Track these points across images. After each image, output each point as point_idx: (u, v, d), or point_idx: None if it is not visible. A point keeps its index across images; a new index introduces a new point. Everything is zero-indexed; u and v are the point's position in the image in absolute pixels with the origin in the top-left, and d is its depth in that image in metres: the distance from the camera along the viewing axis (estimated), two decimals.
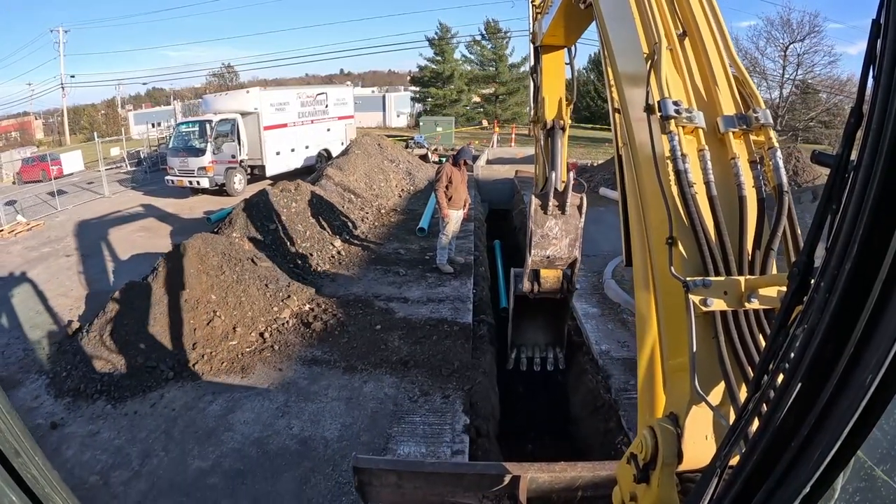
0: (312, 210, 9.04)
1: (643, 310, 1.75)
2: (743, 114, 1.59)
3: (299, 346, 5.44)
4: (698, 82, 1.69)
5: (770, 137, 1.55)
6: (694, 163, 1.51)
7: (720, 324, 1.33)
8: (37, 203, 14.68)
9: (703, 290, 1.32)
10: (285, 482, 3.64)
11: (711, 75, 1.68)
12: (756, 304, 1.32)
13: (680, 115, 1.53)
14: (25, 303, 7.43)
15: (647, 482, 1.34)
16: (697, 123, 1.55)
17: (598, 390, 4.69)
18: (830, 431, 0.68)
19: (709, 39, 1.74)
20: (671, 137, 1.52)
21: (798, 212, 5.83)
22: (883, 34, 0.64)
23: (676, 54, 1.71)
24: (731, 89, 1.67)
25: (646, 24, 1.76)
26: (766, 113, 1.56)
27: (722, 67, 1.71)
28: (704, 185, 1.49)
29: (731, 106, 1.63)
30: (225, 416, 4.37)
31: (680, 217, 1.45)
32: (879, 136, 0.63)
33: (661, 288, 1.52)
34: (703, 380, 1.27)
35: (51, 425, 4.44)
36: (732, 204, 1.48)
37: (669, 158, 1.51)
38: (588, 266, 7.56)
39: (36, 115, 46.89)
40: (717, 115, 1.60)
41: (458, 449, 3.86)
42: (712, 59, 1.71)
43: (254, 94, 15.75)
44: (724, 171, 1.52)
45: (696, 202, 1.44)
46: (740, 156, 1.53)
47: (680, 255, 1.43)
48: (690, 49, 1.75)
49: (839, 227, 0.69)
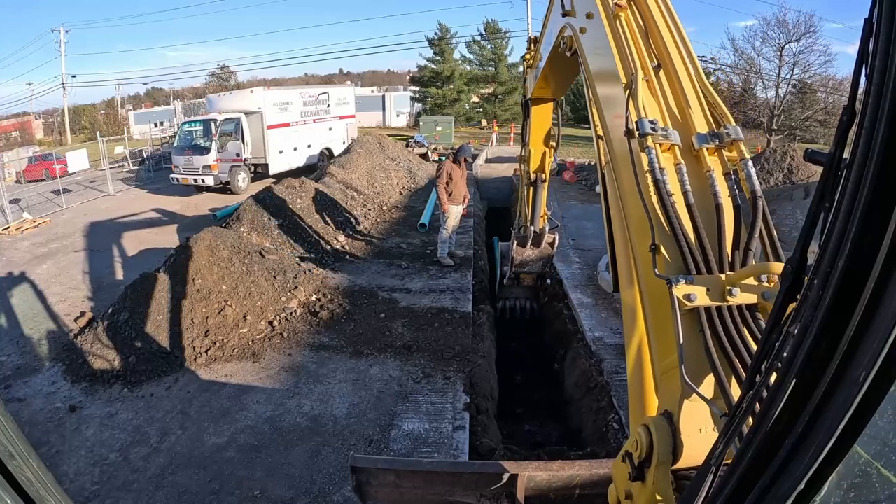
0: (317, 206, 9.27)
1: (629, 302, 1.87)
2: (715, 131, 1.73)
3: (307, 333, 5.68)
4: (673, 107, 1.86)
5: (741, 150, 1.68)
6: (672, 176, 1.63)
7: (705, 319, 1.38)
8: (41, 201, 14.86)
9: (686, 287, 1.38)
10: (297, 455, 3.87)
11: (685, 100, 1.84)
12: (738, 298, 1.38)
13: (656, 132, 1.68)
14: (38, 295, 7.65)
15: (642, 480, 1.35)
16: (673, 140, 1.70)
17: (592, 373, 4.93)
18: (825, 428, 0.67)
19: (681, 69, 1.91)
20: (649, 152, 1.65)
21: (790, 209, 6.25)
22: (875, 33, 0.65)
23: (652, 84, 1.87)
24: (704, 111, 1.82)
25: (623, 57, 1.95)
26: (737, 129, 1.71)
27: (694, 92, 1.86)
28: (682, 194, 1.60)
29: (704, 125, 1.78)
30: (238, 397, 4.60)
31: (661, 224, 1.55)
32: (872, 134, 0.63)
33: (647, 292, 1.59)
34: (692, 373, 1.29)
35: (69, 408, 4.65)
36: (710, 212, 1.58)
37: (648, 172, 1.63)
38: (583, 259, 7.82)
39: (36, 115, 46.97)
40: (691, 134, 1.74)
41: (459, 425, 4.10)
42: (685, 86, 1.87)
43: (258, 93, 16.01)
44: (700, 183, 1.64)
45: (675, 209, 1.55)
46: (715, 169, 1.66)
47: (663, 258, 1.51)
48: (665, 79, 1.93)
49: (832, 225, 0.69)
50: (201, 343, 5.37)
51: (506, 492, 2.50)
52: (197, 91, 48.33)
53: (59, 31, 37.66)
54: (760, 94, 25.84)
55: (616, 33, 2.03)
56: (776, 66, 24.04)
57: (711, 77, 31.44)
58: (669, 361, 1.41)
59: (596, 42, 2.24)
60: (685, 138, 1.74)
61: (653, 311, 1.55)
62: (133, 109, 47.61)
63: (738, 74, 27.15)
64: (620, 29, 2.02)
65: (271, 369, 5.03)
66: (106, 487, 3.68)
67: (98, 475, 3.81)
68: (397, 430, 4.09)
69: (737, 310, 1.41)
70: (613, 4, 2.10)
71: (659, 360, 1.50)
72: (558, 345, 6.11)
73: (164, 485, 3.67)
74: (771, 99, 24.67)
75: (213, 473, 3.76)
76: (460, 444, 3.92)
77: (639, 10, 2.10)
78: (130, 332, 5.41)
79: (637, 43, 1.99)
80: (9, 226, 11.79)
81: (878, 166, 0.62)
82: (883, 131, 0.62)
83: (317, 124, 18.06)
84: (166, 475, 3.77)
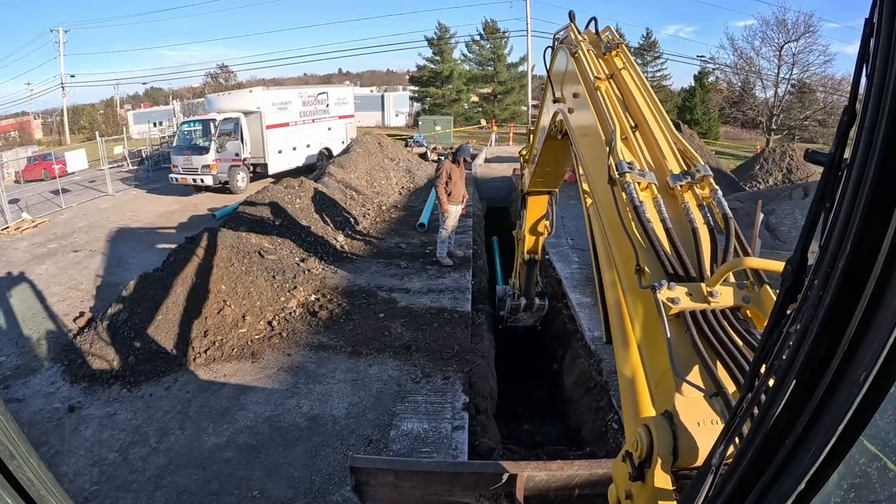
0: (316, 206, 9.27)
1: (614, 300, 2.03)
2: (687, 171, 1.94)
3: (306, 333, 5.68)
4: (648, 157, 2.07)
5: (711, 183, 1.89)
6: (650, 207, 1.80)
7: (690, 320, 1.45)
8: (41, 201, 14.84)
9: (668, 291, 1.49)
10: (296, 455, 3.87)
11: (659, 151, 2.08)
12: (719, 300, 1.48)
13: (633, 170, 1.89)
14: (37, 296, 7.65)
15: (642, 480, 1.36)
16: (650, 180, 1.90)
17: (591, 373, 4.94)
18: (825, 429, 0.67)
19: (655, 127, 2.19)
20: (627, 186, 1.84)
21: (789, 209, 6.27)
22: (876, 33, 0.65)
23: (630, 141, 2.12)
24: (676, 157, 2.06)
25: (603, 120, 2.23)
26: (706, 166, 1.93)
27: (667, 144, 2.10)
28: (660, 221, 1.77)
29: (677, 167, 1.99)
30: (237, 397, 4.60)
31: (643, 247, 1.69)
32: (872, 134, 0.63)
33: (634, 308, 1.70)
34: (684, 369, 1.36)
35: (69, 408, 4.65)
36: (687, 236, 1.74)
37: (628, 204, 1.81)
38: (582, 259, 7.82)
39: (35, 115, 46.93)
40: (665, 176, 1.95)
41: (458, 425, 4.10)
42: (658, 139, 2.12)
43: (257, 93, 16.01)
44: (677, 214, 1.82)
45: (654, 231, 1.71)
46: (689, 202, 1.84)
47: (647, 275, 1.64)
48: (641, 137, 2.17)
49: (832, 225, 0.69)
50: (200, 343, 5.37)
51: (505, 492, 2.51)
52: (196, 91, 48.30)
53: (58, 30, 37.63)
54: (759, 94, 25.94)
55: (596, 102, 2.33)
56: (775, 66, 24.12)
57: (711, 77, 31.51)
58: (662, 366, 1.45)
59: (582, 115, 2.56)
60: (661, 179, 1.95)
61: (642, 324, 1.62)
62: (132, 109, 47.60)
63: (738, 74, 27.22)
64: (600, 97, 2.32)
65: (270, 369, 5.03)
66: (105, 487, 3.68)
67: (97, 475, 3.81)
68: (396, 430, 4.09)
69: (720, 312, 1.48)
70: (594, 78, 2.41)
71: (653, 370, 1.54)
72: (557, 344, 6.12)
73: (163, 485, 3.67)
74: (770, 98, 24.73)
75: (213, 473, 3.76)
76: (459, 443, 3.93)
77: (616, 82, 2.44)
78: (129, 332, 5.41)
79: (615, 108, 2.27)
80: (8, 226, 11.78)
81: (879, 166, 0.62)
82: (883, 131, 0.61)
83: (316, 124, 18.05)
84: (165, 475, 3.78)
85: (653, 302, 1.49)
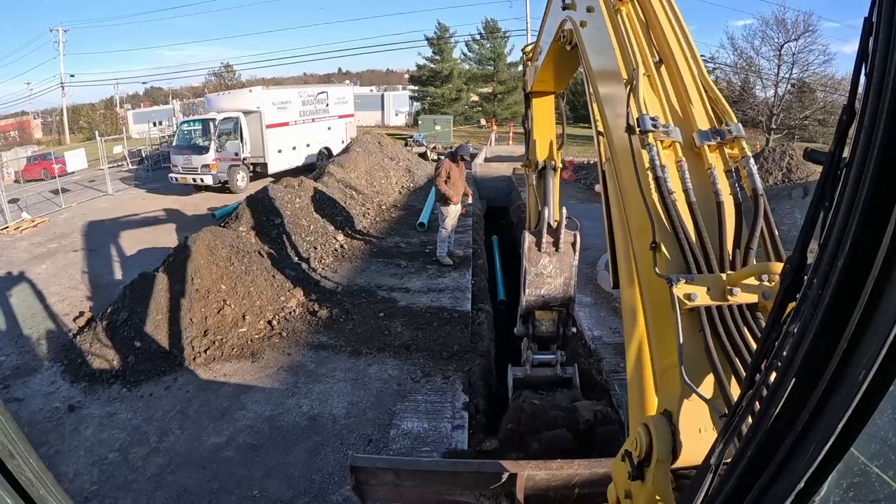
0: (315, 206, 9.26)
1: (629, 301, 1.85)
2: (717, 128, 1.72)
3: (306, 332, 5.68)
4: (675, 103, 1.82)
5: (743, 148, 1.67)
6: (673, 173, 1.61)
7: (705, 319, 1.37)
8: (40, 201, 14.83)
9: (686, 286, 1.37)
10: (296, 454, 3.88)
11: (686, 96, 1.82)
12: (738, 297, 1.37)
13: (657, 129, 1.66)
14: (37, 295, 7.64)
15: (641, 479, 1.35)
16: (674, 137, 1.68)
17: (591, 372, 4.94)
18: (824, 427, 0.67)
19: (683, 64, 1.89)
20: (650, 149, 1.63)
21: (789, 208, 6.10)
22: (875, 32, 0.65)
23: (653, 79, 1.85)
24: (705, 107, 1.80)
25: (624, 53, 1.92)
26: (739, 126, 1.69)
27: (696, 88, 1.85)
28: (683, 192, 1.59)
29: (706, 122, 1.76)
30: (237, 397, 4.60)
31: (662, 223, 1.54)
32: (871, 133, 0.63)
33: (647, 291, 1.58)
34: (692, 373, 1.28)
35: (68, 408, 4.65)
36: (711, 210, 1.57)
37: (649, 169, 1.61)
38: (581, 258, 7.78)
39: (34, 115, 46.92)
40: (692, 131, 1.72)
41: (458, 424, 4.10)
42: (686, 82, 1.85)
43: (256, 93, 15.98)
44: (701, 181, 1.63)
45: (676, 207, 1.54)
46: (716, 166, 1.64)
47: (664, 257, 1.50)
48: (667, 75, 1.90)
49: (832, 224, 0.69)
50: (200, 342, 5.37)
51: (505, 491, 2.50)
52: (196, 90, 48.27)
53: (57, 30, 37.63)
54: (759, 94, 25.87)
55: (617, 28, 1.99)
56: (775, 66, 24.07)
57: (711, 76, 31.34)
58: (669, 361, 1.40)
59: (596, 37, 2.19)
60: (686, 135, 1.71)
61: (653, 310, 1.54)
62: (131, 109, 47.54)
63: (737, 73, 27.17)
64: (621, 23, 1.99)
65: (270, 369, 5.03)
66: (105, 487, 3.68)
67: (97, 475, 3.81)
68: (396, 430, 4.09)
69: (737, 309, 1.40)
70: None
71: (659, 360, 1.49)
72: None
73: (164, 484, 3.67)
74: (770, 98, 24.69)
75: (213, 473, 3.76)
76: (459, 443, 3.92)
77: (640, 5, 2.07)
78: (129, 331, 5.41)
79: (638, 38, 1.96)
80: (7, 225, 11.77)
81: (878, 165, 0.62)
82: (882, 130, 0.62)
83: (315, 123, 18.03)
84: (165, 475, 3.78)
85: (666, 290, 1.38)
